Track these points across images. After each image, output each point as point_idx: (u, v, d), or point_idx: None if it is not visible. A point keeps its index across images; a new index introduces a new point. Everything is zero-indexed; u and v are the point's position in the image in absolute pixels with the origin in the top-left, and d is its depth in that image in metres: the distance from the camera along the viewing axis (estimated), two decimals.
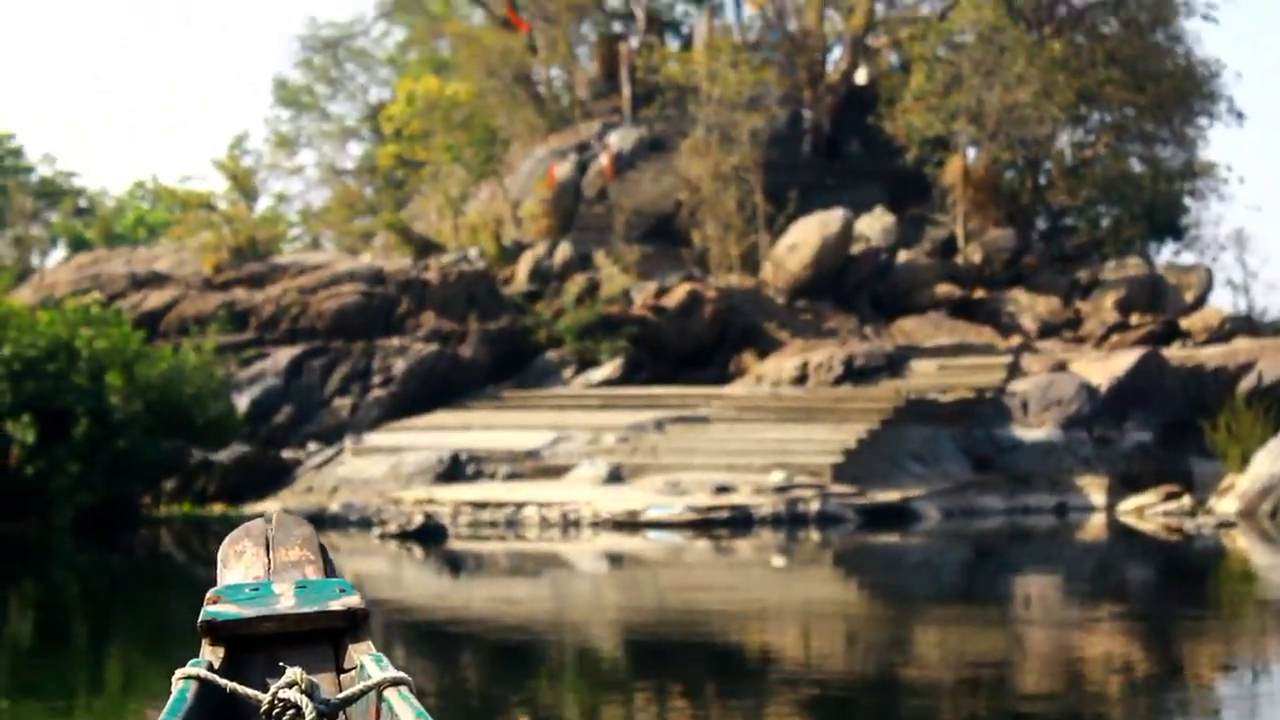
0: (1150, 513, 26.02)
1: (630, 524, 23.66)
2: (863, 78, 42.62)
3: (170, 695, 2.60)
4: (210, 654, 2.74)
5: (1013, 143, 38.00)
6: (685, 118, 38.46)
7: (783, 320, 33.94)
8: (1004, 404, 28.95)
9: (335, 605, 2.78)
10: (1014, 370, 30.06)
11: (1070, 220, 40.35)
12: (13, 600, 18.09)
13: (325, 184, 50.31)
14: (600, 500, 24.35)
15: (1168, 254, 40.69)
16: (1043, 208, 40.01)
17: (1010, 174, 39.53)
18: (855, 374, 30.40)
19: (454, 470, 26.83)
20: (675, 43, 44.47)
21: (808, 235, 35.50)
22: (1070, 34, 38.56)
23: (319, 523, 25.10)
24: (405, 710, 2.55)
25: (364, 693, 2.62)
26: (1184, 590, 18.34)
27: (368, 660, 2.70)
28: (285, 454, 28.77)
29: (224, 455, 27.52)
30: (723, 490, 24.71)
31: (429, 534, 22.62)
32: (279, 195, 48.16)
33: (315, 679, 2.62)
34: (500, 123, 41.30)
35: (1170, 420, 28.93)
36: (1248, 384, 29.35)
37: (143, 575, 21.03)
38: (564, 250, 35.54)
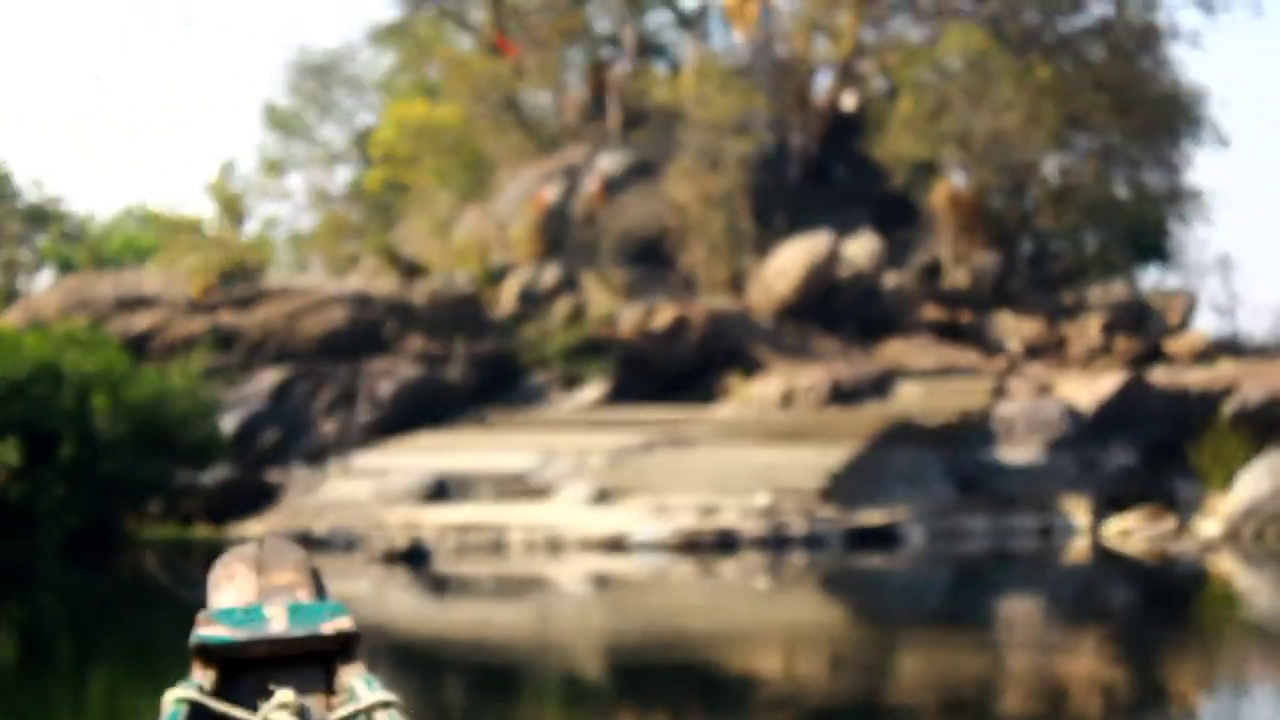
0: (1134, 535, 26.07)
1: (616, 546, 23.67)
2: (850, 103, 42.76)
3: (161, 716, 2.62)
4: (201, 675, 2.74)
5: (999, 167, 38.12)
6: (673, 142, 38.55)
7: (769, 343, 33.99)
8: (990, 426, 29.01)
9: (326, 628, 2.78)
10: (1000, 393, 30.14)
11: (1056, 244, 40.47)
12: None
13: (313, 208, 50.33)
14: (586, 522, 24.37)
15: (1152, 277, 40.85)
16: (1028, 232, 40.13)
17: (996, 198, 39.65)
18: (842, 396, 30.46)
19: (440, 492, 26.83)
20: (663, 68, 44.59)
21: (794, 258, 35.60)
22: (1057, 60, 38.72)
23: (304, 545, 25.02)
24: None
25: (354, 715, 2.62)
26: (1167, 614, 18.36)
27: (358, 682, 2.70)
28: (271, 476, 28.75)
29: (210, 477, 27.53)
30: (709, 512, 24.74)
31: (415, 556, 22.62)
32: (267, 219, 48.16)
33: (306, 701, 2.65)
34: (488, 147, 41.37)
35: (1154, 443, 29.00)
36: (1232, 406, 29.43)
37: (128, 597, 20.99)
38: (551, 273, 35.61)
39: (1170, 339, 34.51)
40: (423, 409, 30.60)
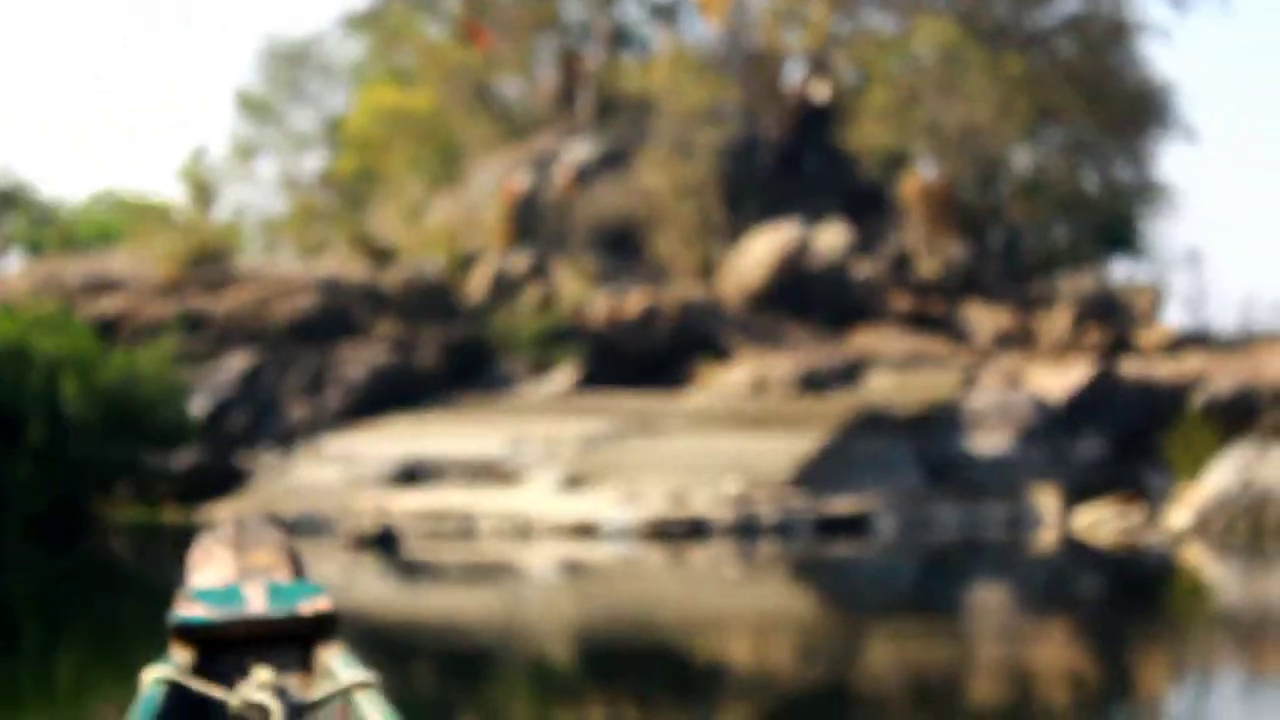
0: (1104, 526, 26.16)
1: (586, 532, 23.65)
2: (822, 93, 42.77)
3: (138, 696, 2.59)
4: (180, 655, 2.73)
5: (970, 159, 38.19)
6: (645, 131, 38.51)
7: (740, 331, 34.01)
8: (960, 416, 29.08)
9: (305, 609, 2.78)
10: (970, 383, 30.20)
11: (1026, 236, 40.58)
12: None
13: (284, 193, 50.13)
14: (556, 508, 24.35)
15: (1121, 270, 40.99)
16: (999, 223, 40.21)
17: (967, 190, 39.72)
18: (812, 385, 30.49)
19: (410, 477, 26.77)
20: (635, 57, 44.52)
21: (765, 247, 35.62)
22: (1028, 53, 38.80)
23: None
24: (373, 712, 2.54)
25: (333, 695, 2.62)
26: (1135, 605, 18.39)
27: (337, 663, 2.71)
28: (240, 460, 28.64)
29: (179, 461, 27.39)
30: (679, 500, 24.73)
31: (384, 541, 22.55)
32: (238, 205, 47.94)
33: (284, 681, 2.64)
34: (460, 134, 41.26)
35: (1124, 434, 29.11)
36: (1201, 398, 29.56)
37: (96, 579, 20.87)
38: (522, 260, 35.55)
39: (1139, 331, 34.64)
40: (393, 394, 30.52)
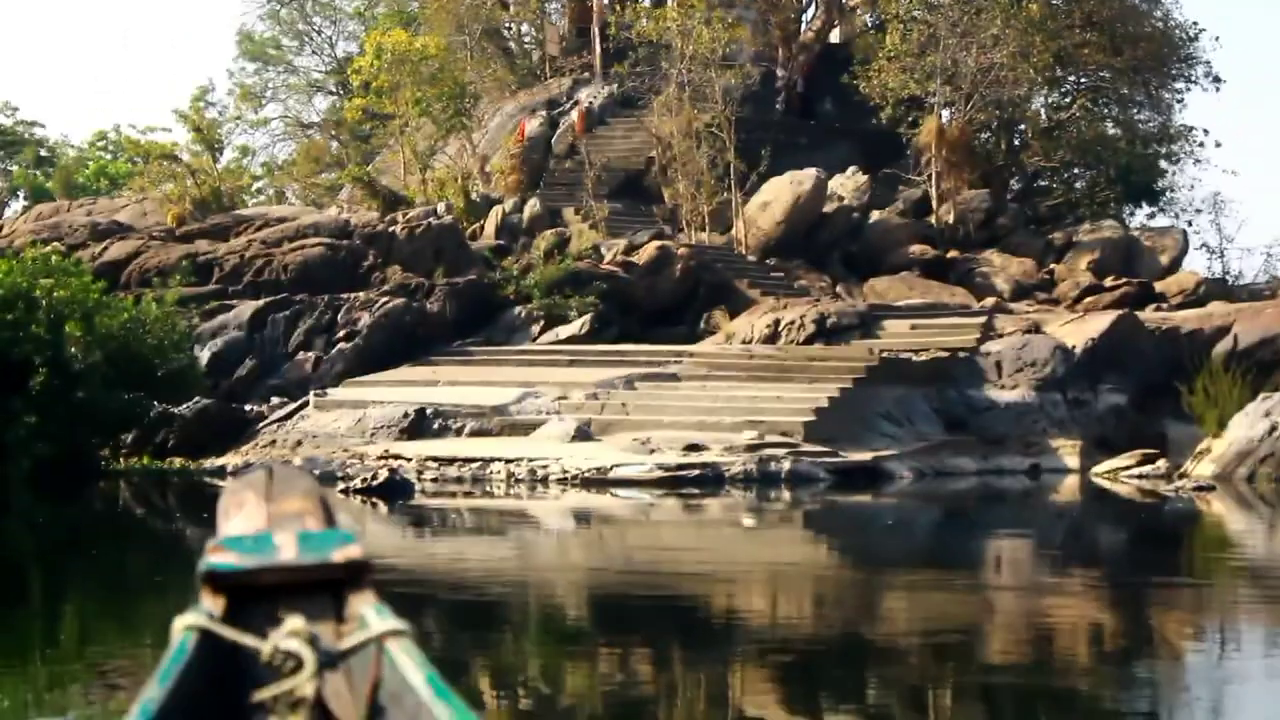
0: (1125, 476, 25.76)
1: (599, 481, 23.29)
2: (837, 37, 42.25)
3: (170, 644, 2.56)
4: (211, 603, 2.70)
5: (988, 104, 37.67)
6: (657, 75, 38.00)
7: (754, 278, 33.58)
8: (977, 365, 28.64)
9: (336, 556, 2.75)
10: (988, 331, 29.75)
11: (1045, 182, 40.08)
12: None
13: (291, 137, 49.71)
14: (568, 457, 23.97)
15: (1143, 217, 40.52)
16: (1017, 169, 39.72)
17: (985, 135, 39.21)
18: (827, 333, 30.05)
19: (420, 425, 26.39)
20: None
21: (780, 194, 35.14)
22: None
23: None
24: (406, 661, 2.56)
25: (365, 643, 2.61)
26: (1158, 555, 18.09)
27: (369, 611, 2.68)
28: (247, 408, 28.26)
29: (185, 408, 27.00)
30: (693, 448, 24.33)
31: (394, 489, 22.20)
32: (243, 148, 47.52)
33: (316, 629, 2.62)
34: (469, 78, 40.76)
35: (1145, 383, 28.65)
36: (1223, 347, 29.10)
37: (101, 528, 20.60)
38: (533, 206, 35.12)
39: (1160, 279, 34.17)
40: (402, 341, 30.14)
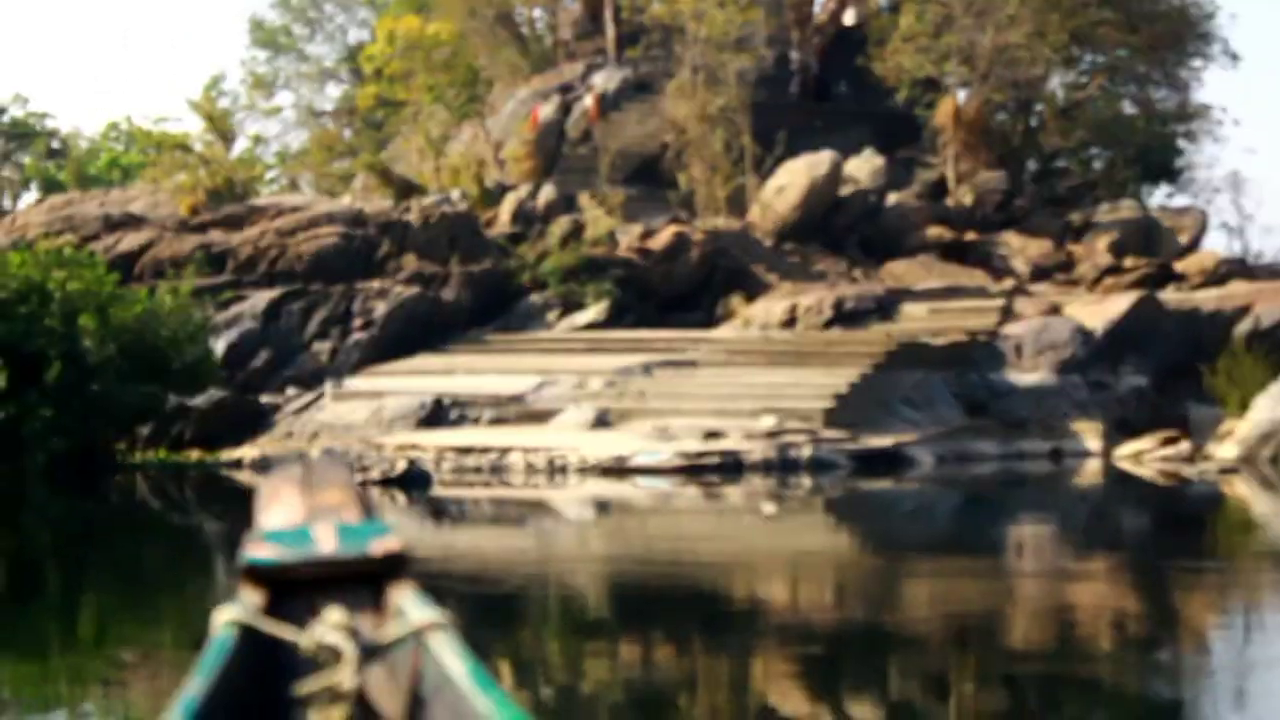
0: (1148, 458, 25.56)
1: (618, 470, 23.15)
2: (851, 18, 41.98)
3: (209, 637, 2.58)
4: (250, 597, 2.72)
5: (1004, 84, 37.38)
6: (671, 58, 37.78)
7: (771, 263, 33.38)
8: (997, 348, 28.44)
9: (375, 549, 2.76)
10: (1007, 313, 29.55)
11: (1062, 162, 39.81)
12: None
13: (303, 126, 49.57)
14: (587, 446, 23.82)
15: (1161, 196, 40.24)
16: (1034, 150, 39.44)
17: (1002, 116, 38.94)
18: (845, 317, 29.86)
19: (437, 415, 26.26)
20: None
21: (796, 177, 34.93)
22: None
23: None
24: (447, 653, 2.56)
25: (405, 636, 2.61)
26: (1182, 539, 17.93)
27: (408, 603, 2.69)
28: (263, 399, 28.15)
29: (200, 400, 26.89)
30: (712, 436, 24.17)
31: (412, 480, 22.09)
32: (256, 137, 47.34)
33: (356, 622, 2.62)
34: (482, 63, 40.58)
35: (1166, 365, 28.43)
36: (1244, 327, 28.88)
37: (118, 522, 20.52)
38: (547, 192, 34.93)
39: (1180, 259, 33.91)
40: (418, 330, 29.99)
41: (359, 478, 22.04)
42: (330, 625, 2.58)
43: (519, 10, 43.97)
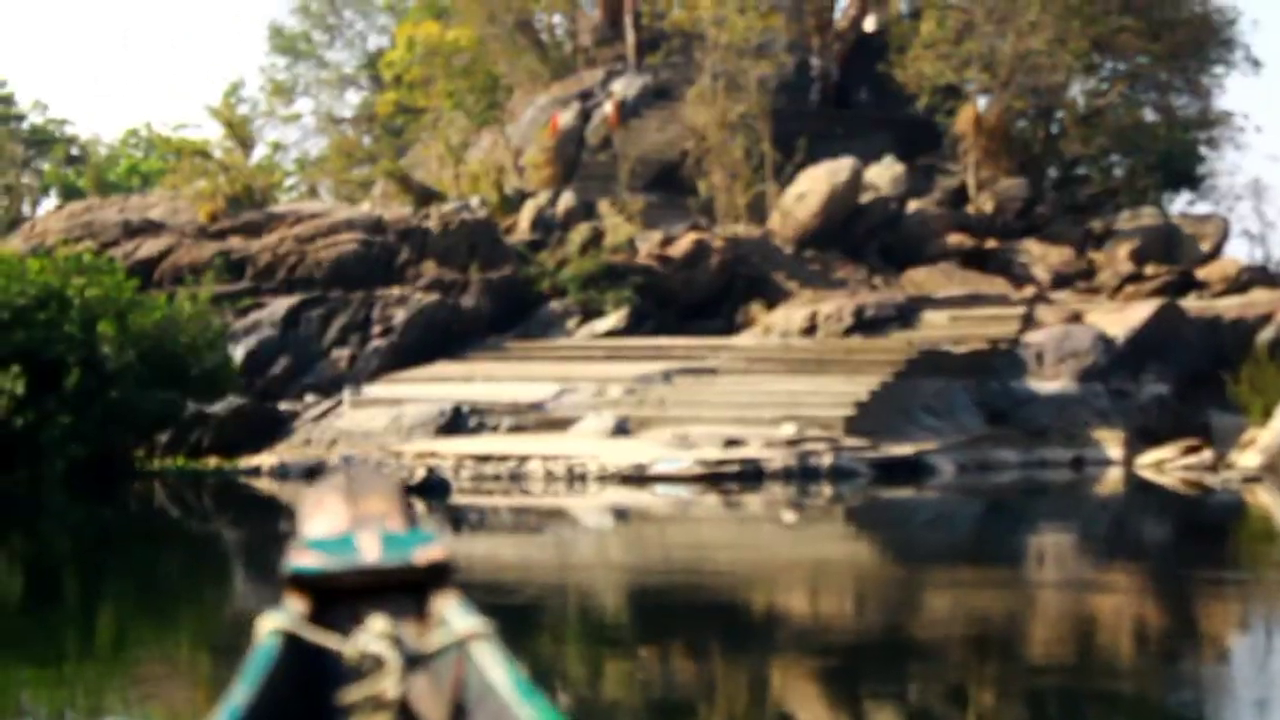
0: (1170, 467, 25.41)
1: (637, 478, 23.07)
2: (872, 25, 41.87)
3: (254, 645, 2.60)
4: (295, 605, 2.74)
5: (1025, 91, 37.26)
6: (691, 65, 37.72)
7: (791, 270, 33.29)
8: (1018, 355, 28.31)
9: (419, 557, 2.77)
10: (1028, 321, 29.42)
11: (1083, 170, 39.67)
12: (0, 555, 17.57)
13: (323, 132, 49.59)
14: (606, 453, 23.74)
15: (1183, 204, 40.07)
16: (1055, 157, 39.32)
17: (1022, 123, 38.82)
18: (865, 325, 29.76)
19: (456, 423, 26.21)
20: None
21: (816, 184, 34.83)
22: None
23: (317, 476, 24.50)
24: (490, 661, 2.56)
25: (449, 644, 2.62)
26: (1204, 548, 17.78)
27: (452, 611, 2.70)
28: (282, 406, 28.12)
29: (219, 407, 26.86)
30: (732, 443, 24.08)
31: (431, 488, 22.04)
32: (275, 144, 47.41)
33: (400, 630, 2.64)
34: (502, 70, 40.55)
35: (1188, 372, 28.27)
36: (1267, 335, 28.71)
37: (136, 530, 20.48)
38: (567, 199, 34.86)
39: (1202, 267, 33.74)
40: (437, 337, 29.95)
41: None
42: (374, 634, 2.60)
43: (539, 17, 43.94)
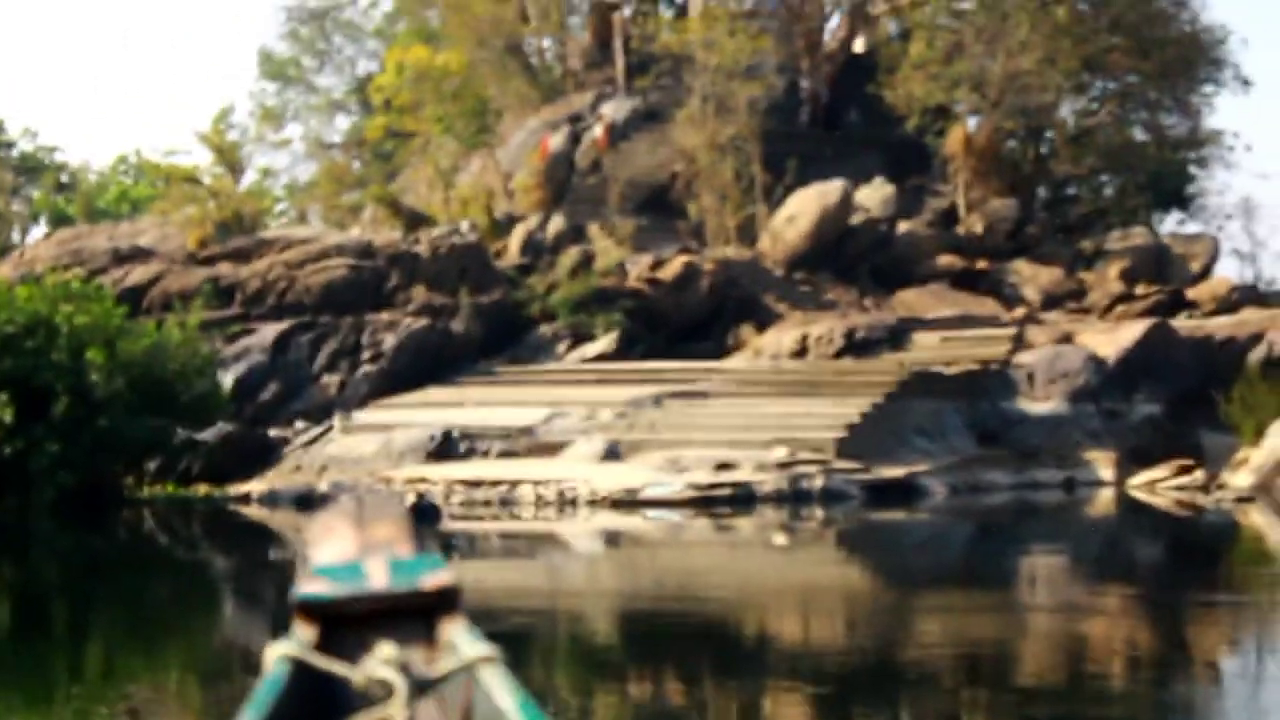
0: (1162, 487, 25.37)
1: (628, 502, 23.00)
2: (861, 46, 41.93)
3: (263, 672, 2.60)
4: (303, 632, 2.74)
5: (1015, 111, 37.29)
6: (681, 88, 37.72)
7: (781, 292, 33.26)
8: (1010, 376, 28.27)
9: (427, 583, 2.79)
10: (1019, 342, 29.38)
11: (1073, 190, 39.70)
12: None
13: (312, 158, 49.56)
14: (597, 478, 23.67)
15: (1173, 223, 40.10)
16: (1045, 177, 39.35)
17: (1012, 143, 38.86)
18: (856, 346, 29.71)
19: (446, 448, 26.13)
20: (670, 11, 43.69)
21: (806, 206, 34.82)
22: (1073, 0, 37.82)
23: (308, 503, 24.41)
24: (498, 687, 2.58)
25: (457, 670, 2.64)
26: (1198, 570, 17.72)
27: (460, 637, 2.71)
28: (272, 432, 28.02)
29: (209, 434, 26.76)
30: (723, 467, 24.02)
31: (422, 514, 21.91)
32: (265, 169, 47.37)
33: (408, 656, 2.64)
34: (492, 93, 40.54)
35: (1179, 392, 28.22)
36: (1258, 355, 28.69)
37: (126, 558, 20.39)
38: (557, 222, 34.83)
39: (1192, 286, 33.74)
40: (427, 362, 29.88)
41: None
42: (382, 660, 2.60)
43: (528, 40, 43.96)
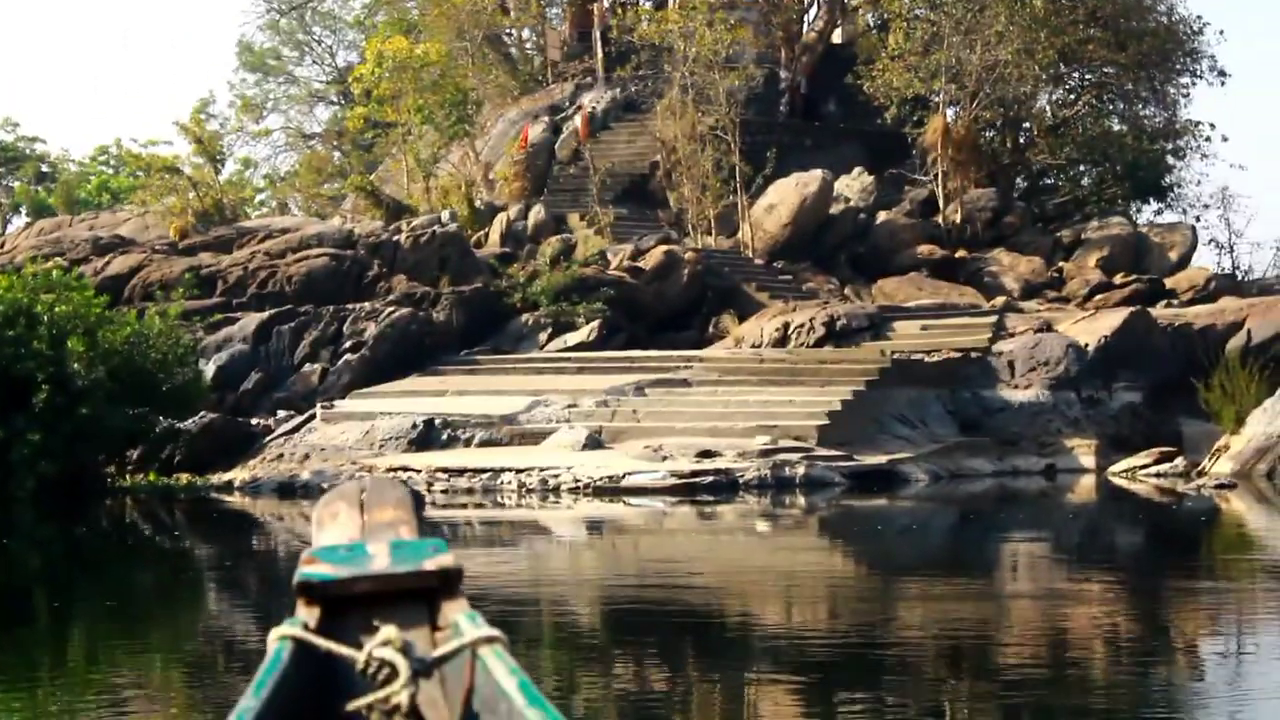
0: (1142, 474, 25.50)
1: (611, 490, 23.04)
2: (840, 37, 42.04)
3: (266, 653, 2.62)
4: (305, 613, 2.76)
5: (993, 102, 37.42)
6: (660, 78, 37.77)
7: (762, 281, 33.33)
8: (990, 364, 28.37)
9: (429, 564, 2.80)
10: (999, 331, 29.49)
11: (1051, 180, 39.84)
12: None
13: (293, 148, 49.53)
14: (580, 466, 23.72)
15: (1150, 213, 40.25)
16: (1023, 167, 39.48)
17: (990, 133, 38.98)
18: (837, 335, 29.78)
19: (428, 436, 26.15)
20: (649, 2, 43.73)
21: (786, 196, 34.90)
22: None
23: (290, 491, 24.42)
24: (499, 668, 2.60)
25: (458, 650, 2.65)
26: (1178, 556, 17.82)
27: (462, 618, 2.72)
28: (254, 422, 28.01)
29: (190, 423, 26.74)
30: (705, 455, 24.07)
31: None
32: (245, 160, 47.31)
33: (410, 637, 2.66)
34: (471, 84, 40.53)
35: (1159, 381, 28.36)
36: (1236, 343, 28.82)
37: (108, 548, 20.36)
38: (537, 212, 34.86)
39: (1170, 275, 33.90)
40: (409, 352, 29.88)
41: None
42: (384, 641, 2.60)
43: (508, 31, 43.96)
